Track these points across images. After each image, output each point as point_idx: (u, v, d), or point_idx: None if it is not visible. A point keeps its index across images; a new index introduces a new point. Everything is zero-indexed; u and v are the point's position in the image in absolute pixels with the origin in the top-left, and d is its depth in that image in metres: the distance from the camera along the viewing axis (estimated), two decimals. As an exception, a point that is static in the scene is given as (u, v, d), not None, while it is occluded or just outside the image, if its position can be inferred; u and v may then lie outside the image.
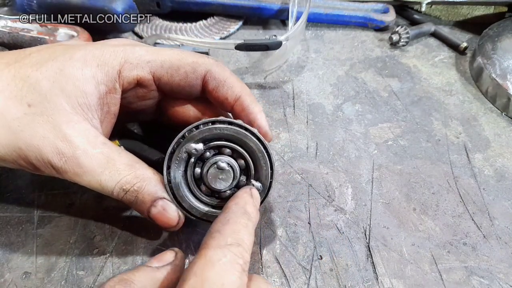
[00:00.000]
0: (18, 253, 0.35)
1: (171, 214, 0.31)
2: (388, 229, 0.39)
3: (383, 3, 0.63)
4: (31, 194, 0.39)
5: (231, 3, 0.60)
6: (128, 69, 0.30)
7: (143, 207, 0.30)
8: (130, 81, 0.31)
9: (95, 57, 0.30)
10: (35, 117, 0.28)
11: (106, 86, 0.30)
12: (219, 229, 0.26)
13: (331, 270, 0.36)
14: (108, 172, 0.29)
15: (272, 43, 0.50)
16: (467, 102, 0.52)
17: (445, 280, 0.35)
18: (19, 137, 0.28)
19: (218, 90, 0.33)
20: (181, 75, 0.32)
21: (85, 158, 0.28)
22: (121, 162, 0.29)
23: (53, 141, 0.28)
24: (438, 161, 0.45)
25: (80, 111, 0.29)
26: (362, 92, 0.53)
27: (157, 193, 0.30)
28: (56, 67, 0.28)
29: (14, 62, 0.29)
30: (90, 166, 0.28)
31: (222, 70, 0.33)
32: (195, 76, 0.32)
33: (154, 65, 0.31)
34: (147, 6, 0.59)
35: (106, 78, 0.30)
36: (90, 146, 0.29)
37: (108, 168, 0.29)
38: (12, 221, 0.38)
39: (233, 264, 0.24)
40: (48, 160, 0.28)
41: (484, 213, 0.40)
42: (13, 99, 0.28)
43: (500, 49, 0.54)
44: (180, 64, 0.32)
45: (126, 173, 0.29)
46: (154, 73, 0.31)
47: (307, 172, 0.43)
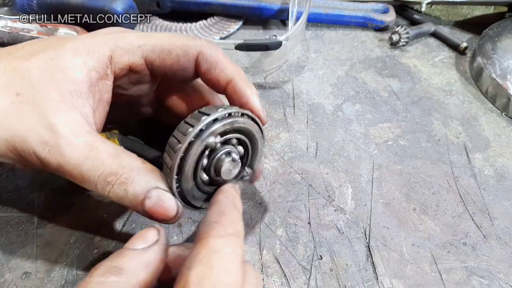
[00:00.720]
0: (18, 253, 0.35)
1: (168, 204, 0.28)
2: (388, 229, 0.39)
3: (383, 3, 0.63)
4: (31, 194, 0.39)
5: (231, 3, 0.60)
6: (119, 55, 0.30)
7: (136, 201, 0.28)
8: (122, 66, 0.30)
9: (86, 45, 0.29)
10: (22, 106, 0.27)
11: (97, 72, 0.29)
12: (217, 220, 0.26)
13: (331, 270, 0.36)
14: (90, 162, 0.27)
15: (272, 43, 0.50)
16: (467, 102, 0.52)
17: (445, 280, 0.35)
18: (5, 127, 0.27)
19: (210, 73, 0.32)
20: (173, 59, 0.31)
21: (67, 147, 0.27)
22: (105, 151, 0.27)
23: (38, 131, 0.27)
24: (438, 161, 0.45)
25: (70, 99, 0.28)
26: (362, 92, 0.53)
27: (148, 183, 0.28)
28: (47, 56, 0.28)
29: (7, 55, 0.29)
30: (72, 156, 0.27)
31: (214, 52, 0.32)
32: (187, 59, 0.31)
33: (145, 49, 0.31)
34: (147, 6, 0.59)
35: (97, 64, 0.29)
36: (74, 135, 0.27)
37: (90, 157, 0.27)
38: (12, 221, 0.38)
39: (236, 253, 0.24)
40: (33, 150, 0.27)
41: (484, 213, 0.40)
42: (2, 90, 0.27)
43: (500, 49, 0.54)
44: (171, 47, 0.31)
45: (110, 162, 0.27)
46: (146, 57, 0.31)
47: (307, 172, 0.43)
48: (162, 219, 0.28)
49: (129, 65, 0.31)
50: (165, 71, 0.32)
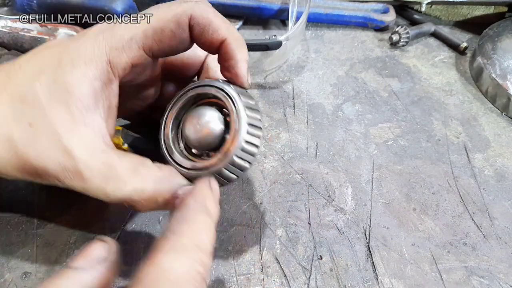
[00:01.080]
0: (18, 253, 0.35)
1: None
2: (388, 229, 0.39)
3: (383, 3, 0.63)
4: (31, 194, 0.39)
5: (231, 3, 0.60)
6: (117, 56, 0.29)
7: (167, 206, 0.28)
8: (124, 66, 0.29)
9: (80, 56, 0.28)
10: (38, 136, 0.27)
11: (100, 80, 0.29)
12: (174, 229, 0.23)
13: (331, 270, 0.36)
14: (112, 183, 0.27)
15: (272, 43, 0.50)
16: (467, 102, 0.52)
17: (445, 280, 0.35)
18: (26, 159, 0.28)
19: (203, 36, 0.30)
20: (168, 35, 0.30)
21: (86, 171, 0.27)
22: (123, 168, 0.28)
23: (56, 157, 0.27)
24: (438, 161, 0.45)
25: (80, 117, 0.28)
26: (362, 92, 0.53)
27: (174, 187, 0.28)
28: (49, 78, 0.28)
29: (8, 80, 0.29)
30: (93, 179, 0.27)
31: (205, 12, 0.30)
32: (181, 29, 0.30)
33: (138, 39, 0.29)
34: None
35: (97, 72, 0.28)
36: (90, 156, 0.27)
37: (110, 177, 0.27)
38: (12, 221, 0.38)
39: (192, 274, 0.21)
40: (57, 178, 0.28)
41: (484, 213, 0.40)
42: (15, 122, 0.28)
43: (500, 49, 0.54)
44: (162, 24, 0.29)
45: (131, 181, 0.27)
46: (142, 47, 0.30)
47: (307, 172, 0.43)
48: None
49: (130, 63, 0.30)
50: (164, 50, 0.31)
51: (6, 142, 0.28)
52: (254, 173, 0.43)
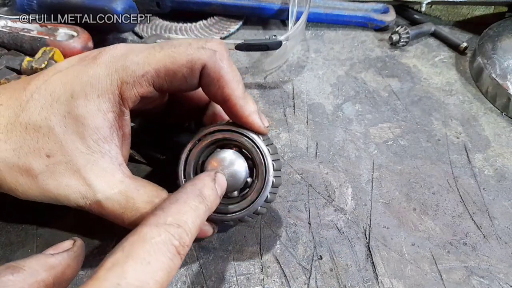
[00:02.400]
0: (18, 253, 0.35)
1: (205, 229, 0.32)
2: (388, 229, 0.39)
3: (383, 3, 0.63)
4: (31, 194, 0.39)
5: (231, 3, 0.60)
6: (128, 90, 0.30)
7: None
8: (133, 100, 0.30)
9: (94, 88, 0.29)
10: (56, 167, 0.29)
11: (113, 112, 0.30)
12: (164, 207, 0.25)
13: (331, 270, 0.36)
14: (129, 213, 0.29)
15: (272, 43, 0.50)
16: (467, 102, 0.52)
17: (445, 280, 0.35)
18: (47, 190, 0.29)
19: (209, 88, 0.31)
20: (180, 79, 0.31)
21: (105, 201, 0.29)
22: (140, 201, 0.29)
23: (76, 188, 0.29)
24: (438, 161, 0.45)
25: (97, 148, 0.29)
26: (362, 92, 0.53)
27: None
28: (63, 110, 0.29)
29: (21, 112, 0.29)
30: (112, 209, 0.29)
31: (218, 67, 0.31)
32: (193, 76, 0.31)
33: (150, 77, 0.30)
34: (147, 6, 0.59)
35: (110, 105, 0.29)
36: (108, 187, 0.29)
37: (127, 207, 0.29)
38: (12, 221, 0.38)
39: (167, 244, 0.23)
40: (77, 205, 0.30)
41: (484, 213, 0.40)
42: (32, 154, 0.29)
43: (500, 49, 0.54)
44: (175, 68, 0.30)
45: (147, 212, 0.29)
46: (153, 84, 0.30)
47: (307, 172, 0.43)
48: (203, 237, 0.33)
49: (139, 97, 0.31)
50: (174, 89, 0.32)
51: (25, 172, 0.29)
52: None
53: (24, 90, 0.30)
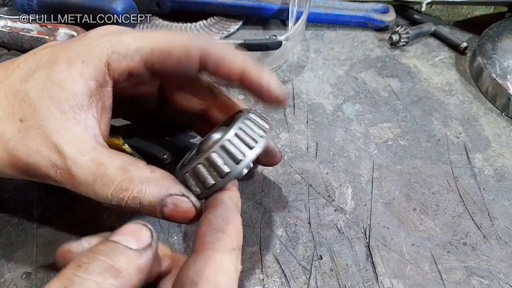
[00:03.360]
0: (18, 253, 0.35)
1: (185, 207, 0.27)
2: (388, 229, 0.39)
3: (383, 3, 0.63)
4: (31, 194, 0.39)
5: (231, 3, 0.60)
6: (117, 60, 0.29)
7: (154, 211, 0.27)
8: (120, 72, 0.29)
9: (79, 55, 0.28)
10: (28, 132, 0.27)
11: (96, 81, 0.28)
12: (223, 229, 0.25)
13: (331, 270, 0.36)
14: (100, 180, 0.27)
15: (272, 43, 0.50)
16: (467, 102, 0.52)
17: (445, 280, 0.35)
18: (17, 156, 0.27)
19: (219, 70, 0.30)
20: (174, 60, 0.29)
21: (75, 167, 0.27)
22: (112, 167, 0.27)
23: (46, 154, 0.27)
24: (438, 161, 0.45)
25: (72, 115, 0.27)
26: (362, 92, 0.53)
27: (161, 192, 0.27)
28: (43, 74, 0.28)
29: (5, 78, 0.29)
30: (82, 176, 0.27)
31: (218, 48, 0.30)
32: (188, 60, 0.30)
33: (143, 53, 0.29)
34: (147, 6, 0.59)
35: (94, 73, 0.28)
36: (80, 154, 0.27)
37: (99, 175, 0.27)
38: (12, 221, 0.38)
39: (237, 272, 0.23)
40: (46, 174, 0.27)
41: (484, 213, 0.40)
42: (7, 118, 0.27)
43: (500, 49, 0.54)
44: (170, 48, 0.29)
45: (120, 178, 0.26)
46: (145, 61, 0.29)
47: (307, 172, 0.43)
48: (183, 222, 0.28)
49: (128, 71, 0.29)
50: (166, 72, 0.31)
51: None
52: (254, 173, 0.43)
53: (13, 62, 0.30)
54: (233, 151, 0.27)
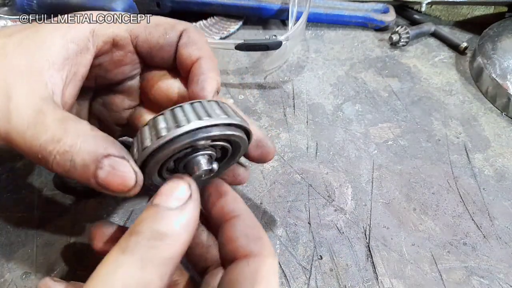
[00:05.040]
0: (18, 253, 0.35)
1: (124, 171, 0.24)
2: (388, 229, 0.39)
3: (383, 3, 0.63)
4: (31, 194, 0.39)
5: (231, 3, 0.60)
6: (103, 27, 0.29)
7: (86, 172, 0.23)
8: (105, 39, 0.29)
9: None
10: None
11: (77, 45, 0.28)
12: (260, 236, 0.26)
13: (331, 270, 0.36)
14: (34, 127, 0.24)
15: (272, 43, 0.50)
16: (467, 102, 0.52)
17: (445, 280, 0.35)
18: None
19: (185, 47, 0.31)
20: (160, 32, 0.30)
21: (15, 111, 0.24)
22: (52, 117, 0.24)
23: None
24: (438, 161, 0.45)
25: (38, 70, 0.26)
26: (362, 92, 0.53)
27: (98, 150, 0.23)
28: (27, 32, 0.28)
29: None
30: (17, 120, 0.24)
31: (199, 34, 0.32)
32: (174, 34, 0.31)
33: (132, 24, 0.30)
34: (147, 6, 0.59)
35: (77, 36, 0.28)
36: (26, 100, 0.25)
37: (36, 123, 0.24)
38: (12, 221, 0.38)
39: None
40: None
41: (484, 213, 0.40)
42: None
43: (500, 49, 0.54)
44: (158, 22, 0.31)
45: (54, 128, 0.24)
46: (131, 31, 0.30)
47: (307, 172, 0.43)
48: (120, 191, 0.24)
49: (113, 38, 0.29)
50: (150, 46, 0.31)
51: None
52: (254, 173, 0.43)
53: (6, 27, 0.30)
54: (179, 117, 0.25)
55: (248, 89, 0.53)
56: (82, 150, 0.23)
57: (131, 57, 0.32)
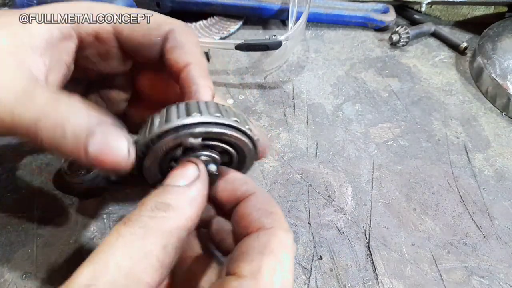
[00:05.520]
0: (18, 253, 0.35)
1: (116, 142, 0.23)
2: (388, 229, 0.39)
3: (383, 3, 0.63)
4: (31, 194, 0.39)
5: (231, 3, 0.60)
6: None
7: (77, 145, 0.22)
8: (88, 31, 0.29)
9: (51, 7, 0.28)
10: None
11: (60, 31, 0.28)
12: (273, 210, 0.25)
13: (331, 270, 0.36)
14: (23, 103, 0.23)
15: (272, 43, 0.50)
16: (467, 102, 0.52)
17: (445, 280, 0.35)
18: None
19: (172, 52, 0.29)
20: (144, 30, 0.29)
21: (1, 89, 0.23)
22: (42, 93, 0.24)
23: None
24: (438, 161, 0.45)
25: (21, 52, 0.26)
26: (362, 92, 0.53)
27: (91, 121, 0.23)
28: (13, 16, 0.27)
29: None
30: (6, 97, 0.23)
31: (187, 34, 0.30)
32: (157, 33, 0.29)
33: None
34: (147, 6, 0.59)
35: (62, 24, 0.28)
36: (13, 80, 0.24)
37: (25, 98, 0.23)
38: (12, 221, 0.38)
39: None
40: None
41: (484, 213, 0.40)
42: None
43: (500, 49, 0.54)
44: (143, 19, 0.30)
45: (46, 100, 0.23)
46: (115, 26, 0.29)
47: (307, 172, 0.43)
48: (111, 164, 0.23)
49: (96, 31, 0.29)
50: (133, 44, 0.30)
51: None
52: (254, 173, 0.43)
53: None
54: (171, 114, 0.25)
55: (248, 89, 0.53)
56: (73, 122, 0.23)
57: (115, 52, 0.31)
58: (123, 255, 0.20)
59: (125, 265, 0.20)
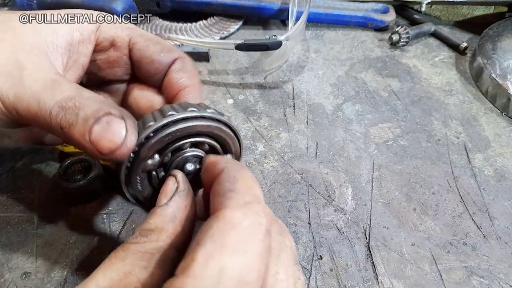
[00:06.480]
0: (18, 253, 0.35)
1: (116, 128, 0.25)
2: (388, 229, 0.39)
3: (383, 3, 0.63)
4: (31, 194, 0.39)
5: (231, 3, 0.60)
6: (108, 27, 0.31)
7: (84, 128, 0.25)
8: (106, 37, 0.31)
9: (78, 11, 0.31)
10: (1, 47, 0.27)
11: (81, 34, 0.30)
12: (231, 188, 0.22)
13: (331, 270, 0.36)
14: (49, 91, 0.26)
15: (272, 43, 0.50)
16: (467, 102, 0.52)
17: (445, 280, 0.35)
18: None
19: (177, 72, 0.33)
20: (157, 48, 0.32)
21: (30, 79, 0.26)
22: (68, 84, 0.27)
23: (6, 65, 0.27)
24: (438, 161, 0.45)
25: (44, 48, 0.28)
26: (362, 92, 0.53)
27: (102, 109, 0.25)
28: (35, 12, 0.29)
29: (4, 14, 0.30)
30: (33, 87, 0.26)
31: (192, 65, 0.34)
32: (169, 55, 0.33)
33: (133, 32, 0.32)
34: (147, 6, 0.59)
35: (82, 27, 0.30)
36: (41, 71, 0.27)
37: (52, 88, 0.26)
38: (12, 221, 0.38)
39: (256, 226, 0.21)
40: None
41: (484, 213, 0.40)
42: None
43: (500, 49, 0.54)
44: (159, 40, 0.33)
45: (69, 91, 0.26)
46: (131, 38, 0.32)
47: (307, 172, 0.43)
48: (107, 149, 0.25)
49: (113, 37, 0.31)
50: (143, 58, 0.32)
51: None
52: (254, 173, 0.43)
53: None
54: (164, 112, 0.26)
55: (248, 89, 0.53)
56: (87, 107, 0.25)
57: (125, 60, 0.34)
58: (104, 276, 0.21)
59: (104, 285, 0.21)
